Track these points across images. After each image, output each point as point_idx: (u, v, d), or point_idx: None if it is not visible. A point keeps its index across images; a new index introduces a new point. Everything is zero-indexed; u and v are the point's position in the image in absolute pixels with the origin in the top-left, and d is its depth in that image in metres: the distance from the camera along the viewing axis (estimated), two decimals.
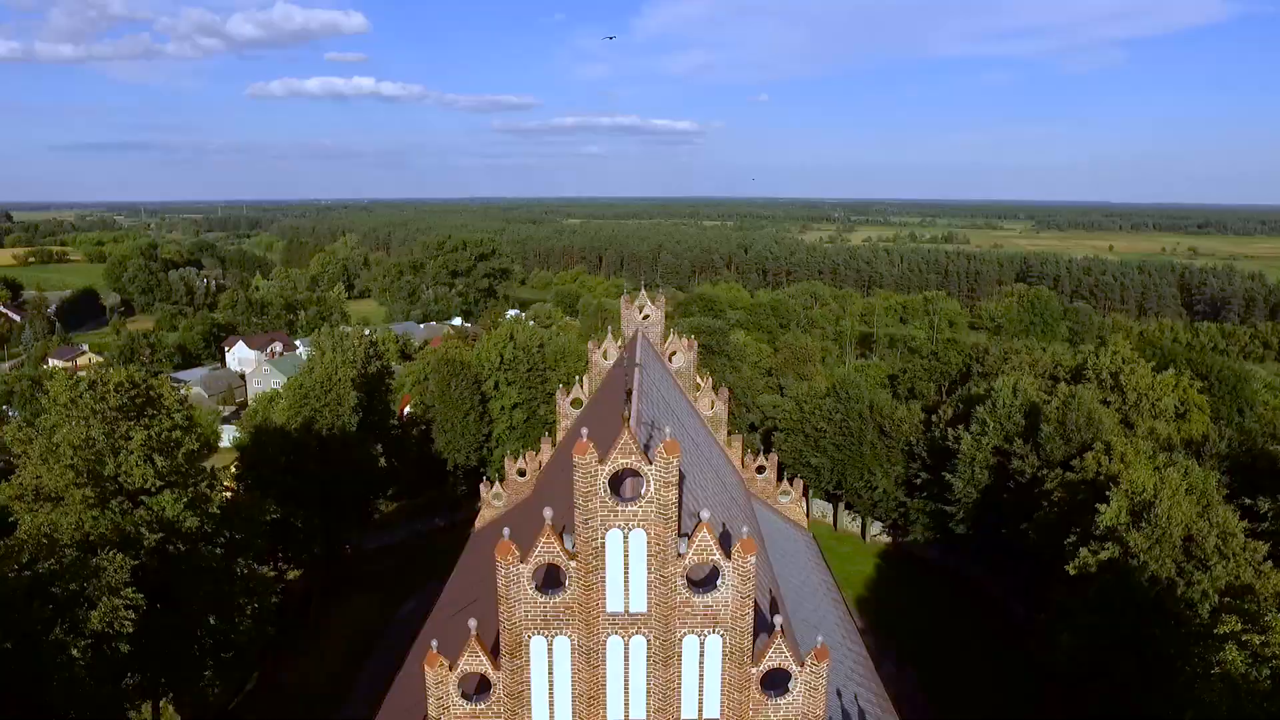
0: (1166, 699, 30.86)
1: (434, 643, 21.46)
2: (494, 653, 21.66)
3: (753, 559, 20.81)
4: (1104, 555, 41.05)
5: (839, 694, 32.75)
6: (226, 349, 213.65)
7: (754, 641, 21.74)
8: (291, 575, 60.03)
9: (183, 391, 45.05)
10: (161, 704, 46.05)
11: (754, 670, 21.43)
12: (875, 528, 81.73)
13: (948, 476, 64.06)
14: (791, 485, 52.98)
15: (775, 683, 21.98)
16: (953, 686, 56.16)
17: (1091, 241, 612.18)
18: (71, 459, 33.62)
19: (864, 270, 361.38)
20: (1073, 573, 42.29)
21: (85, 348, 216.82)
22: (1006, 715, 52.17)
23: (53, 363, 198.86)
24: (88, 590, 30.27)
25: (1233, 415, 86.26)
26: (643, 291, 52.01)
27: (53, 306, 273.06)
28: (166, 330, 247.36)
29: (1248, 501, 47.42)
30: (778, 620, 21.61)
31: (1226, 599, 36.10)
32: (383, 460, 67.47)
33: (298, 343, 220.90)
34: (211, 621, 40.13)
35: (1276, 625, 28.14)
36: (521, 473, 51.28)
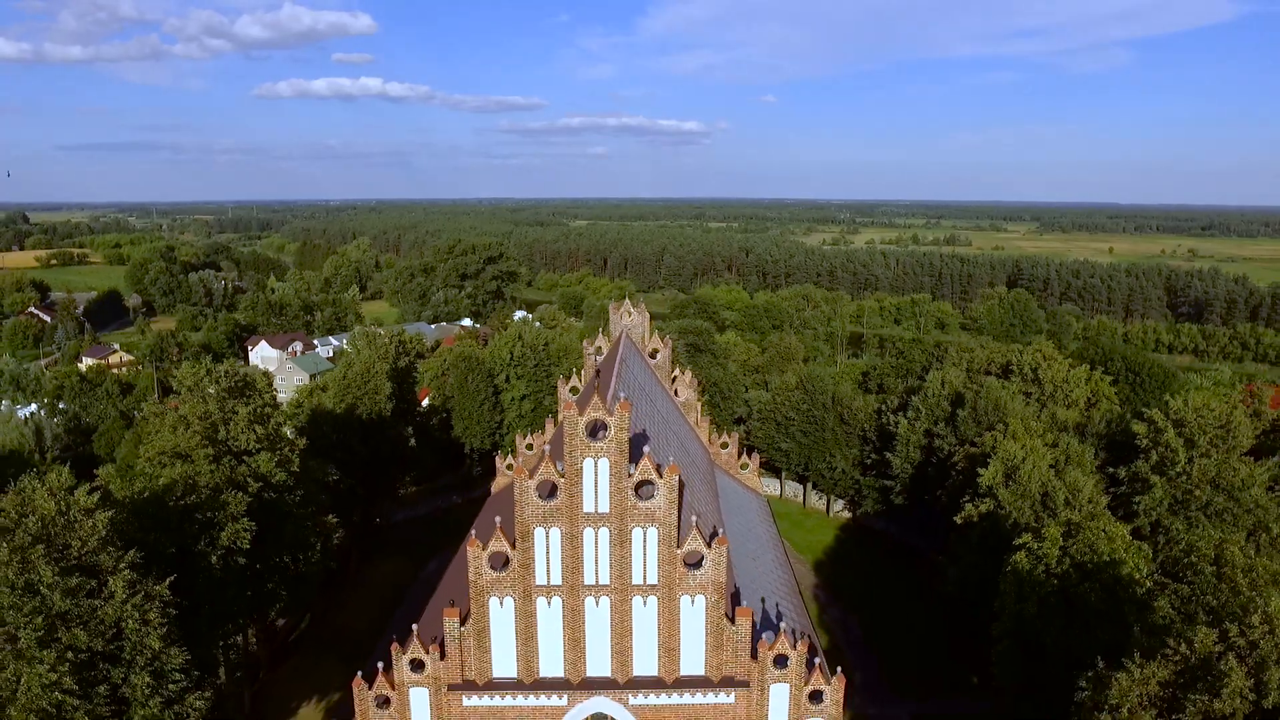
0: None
1: (473, 531, 33.33)
2: (511, 541, 33.46)
3: (677, 478, 32.63)
4: (983, 507, 52.68)
5: (763, 600, 44.42)
6: (250, 348, 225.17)
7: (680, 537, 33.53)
8: (338, 536, 71.80)
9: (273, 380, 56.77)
10: (249, 633, 57.97)
11: (678, 551, 33.22)
12: (838, 505, 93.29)
13: (889, 455, 75.73)
14: (750, 459, 64.83)
15: (695, 562, 33.73)
16: (884, 626, 68.04)
17: (1093, 244, 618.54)
18: (197, 426, 45.55)
19: (860, 273, 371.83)
20: (960, 521, 53.95)
21: (116, 347, 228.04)
22: (923, 644, 63.85)
23: (87, 361, 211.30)
24: (218, 518, 42.21)
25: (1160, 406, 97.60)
26: (626, 300, 63.89)
27: (80, 307, 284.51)
28: (188, 330, 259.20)
29: (1111, 470, 58.95)
30: (693, 519, 33.40)
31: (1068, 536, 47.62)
32: (412, 441, 79.43)
33: (315, 342, 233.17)
34: (287, 559, 52.09)
35: (1050, 536, 39.48)
36: (529, 447, 63.02)
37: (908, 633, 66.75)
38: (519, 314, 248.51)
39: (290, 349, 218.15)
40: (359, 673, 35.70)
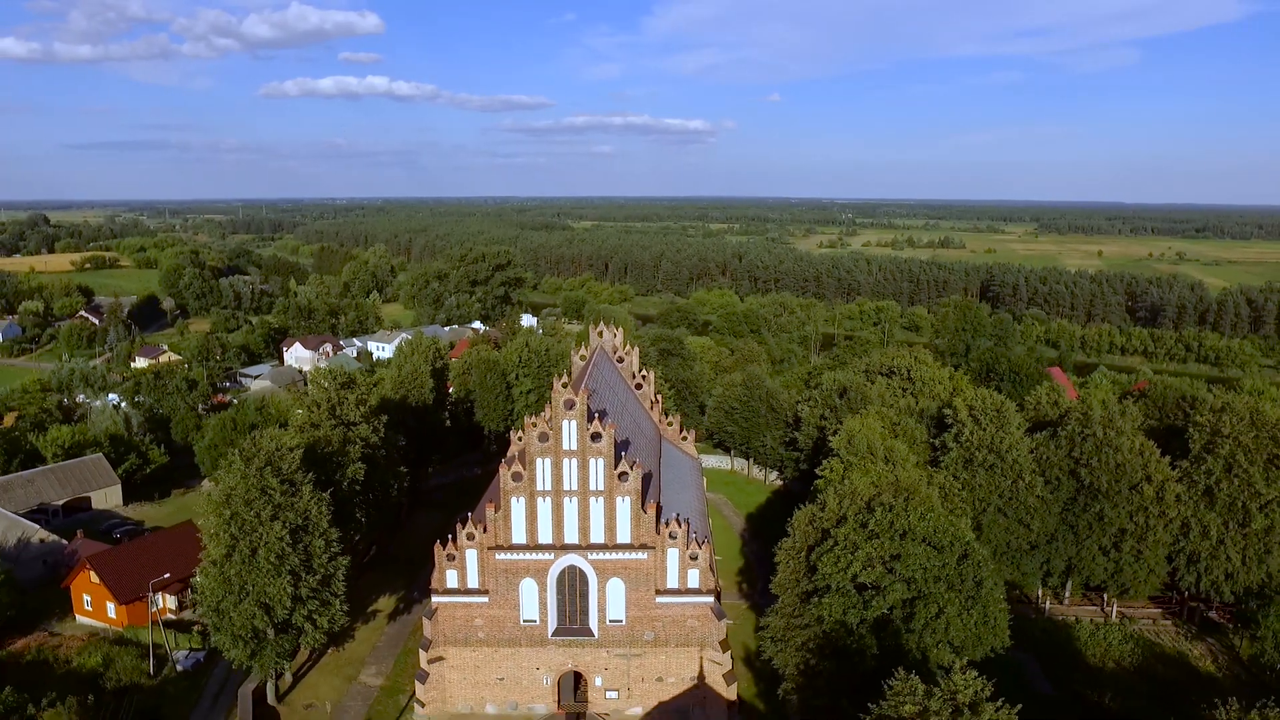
0: None
1: (504, 457, 60.59)
2: (523, 465, 60.52)
3: (614, 431, 59.64)
4: (834, 461, 79.66)
5: (677, 515, 71.31)
6: (285, 349, 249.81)
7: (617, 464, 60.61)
8: (406, 481, 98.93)
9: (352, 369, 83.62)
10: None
11: (615, 470, 60.28)
12: (772, 475, 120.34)
13: (796, 434, 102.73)
14: (688, 433, 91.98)
15: (625, 478, 60.73)
16: None
17: (1085, 246, 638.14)
18: (324, 406, 72.91)
19: (844, 279, 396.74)
20: (820, 473, 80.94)
21: (164, 347, 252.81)
22: None
23: (141, 360, 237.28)
24: (343, 460, 69.61)
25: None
26: (602, 323, 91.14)
27: (125, 310, 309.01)
28: (223, 332, 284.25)
29: (934, 441, 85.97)
30: (623, 454, 60.44)
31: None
32: (448, 422, 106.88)
33: (342, 343, 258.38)
34: (370, 495, 79.40)
35: (835, 468, 66.10)
36: (534, 424, 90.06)
37: None
38: (527, 317, 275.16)
39: (321, 350, 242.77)
40: (438, 540, 62.79)
